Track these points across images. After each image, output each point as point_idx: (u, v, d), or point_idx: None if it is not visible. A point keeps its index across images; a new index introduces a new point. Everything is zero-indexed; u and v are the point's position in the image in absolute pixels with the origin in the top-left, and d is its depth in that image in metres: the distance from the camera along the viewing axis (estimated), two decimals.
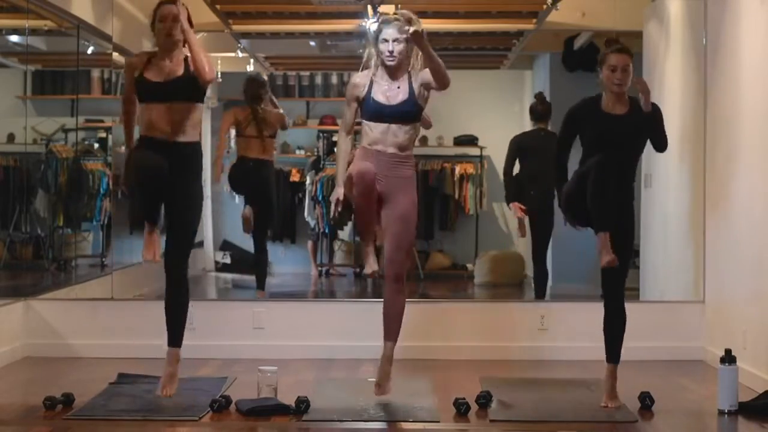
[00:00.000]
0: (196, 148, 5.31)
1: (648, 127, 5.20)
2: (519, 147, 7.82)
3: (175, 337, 5.28)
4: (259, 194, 7.91)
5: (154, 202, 5.25)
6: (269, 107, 8.01)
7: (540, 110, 7.92)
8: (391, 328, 5.27)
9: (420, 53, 5.20)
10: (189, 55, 5.18)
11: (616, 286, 5.23)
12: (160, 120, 5.17)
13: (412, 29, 5.03)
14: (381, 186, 5.20)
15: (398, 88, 5.23)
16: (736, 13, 6.24)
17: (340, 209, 5.26)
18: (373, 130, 5.23)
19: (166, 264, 5.25)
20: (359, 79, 5.31)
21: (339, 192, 5.26)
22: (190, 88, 5.18)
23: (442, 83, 5.19)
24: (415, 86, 5.23)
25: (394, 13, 5.27)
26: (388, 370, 5.24)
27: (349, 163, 5.33)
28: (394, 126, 5.21)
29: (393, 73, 5.23)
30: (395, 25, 5.17)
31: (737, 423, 5.02)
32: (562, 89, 9.14)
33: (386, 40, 5.17)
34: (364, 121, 5.29)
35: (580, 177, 5.18)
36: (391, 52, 5.16)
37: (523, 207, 7.65)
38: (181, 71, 5.18)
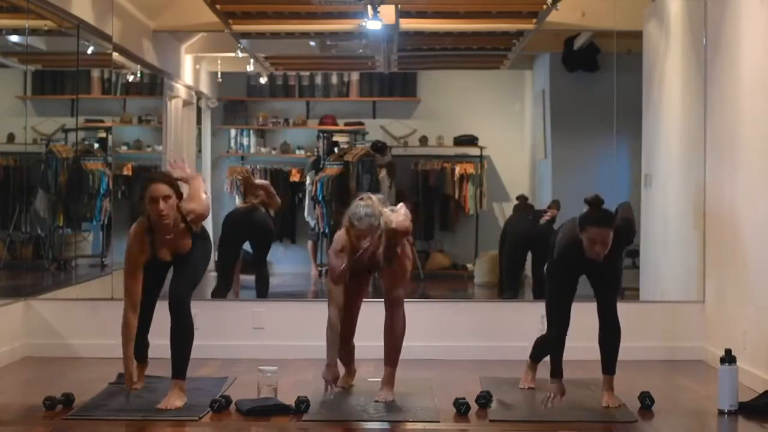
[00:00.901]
0: (201, 235, 5.37)
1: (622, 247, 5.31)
2: (505, 228, 8.47)
3: (179, 370, 5.21)
4: (256, 236, 8.08)
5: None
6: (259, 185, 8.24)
7: (522, 208, 8.73)
8: (391, 355, 5.37)
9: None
10: (185, 211, 5.21)
11: (610, 305, 5.27)
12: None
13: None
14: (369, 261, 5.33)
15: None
16: (736, 13, 6.24)
17: (335, 389, 5.32)
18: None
19: (170, 299, 5.21)
20: (337, 262, 5.30)
21: (334, 372, 5.26)
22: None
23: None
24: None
25: (364, 211, 5.22)
26: (389, 390, 5.33)
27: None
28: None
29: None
30: (366, 222, 5.17)
31: (737, 423, 5.02)
32: (562, 89, 9.16)
33: (358, 237, 5.20)
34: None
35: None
36: (364, 247, 5.22)
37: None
38: (189, 244, 5.26)
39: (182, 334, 5.19)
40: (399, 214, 5.36)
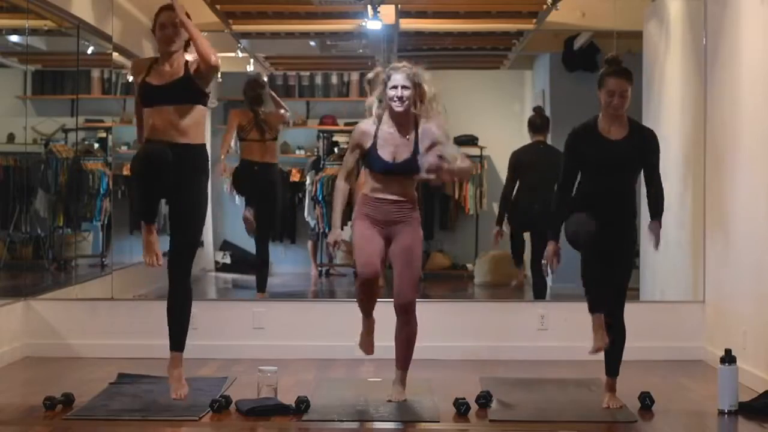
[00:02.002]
0: (200, 149, 5.28)
1: (645, 154, 5.20)
2: (518, 163, 7.85)
3: (177, 341, 5.23)
4: (265, 197, 7.95)
5: (154, 196, 5.23)
6: (270, 108, 8.00)
7: (538, 123, 7.93)
8: (402, 358, 5.38)
9: (425, 98, 5.20)
10: (189, 59, 5.17)
11: (616, 308, 5.22)
12: (163, 123, 5.15)
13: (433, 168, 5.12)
14: (385, 231, 5.27)
15: (402, 141, 5.22)
16: (736, 13, 6.24)
17: (340, 248, 5.30)
18: (375, 179, 5.28)
19: (169, 265, 5.20)
20: (365, 126, 5.28)
21: (336, 234, 5.30)
22: (190, 89, 5.17)
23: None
24: (421, 144, 5.22)
25: (403, 64, 5.26)
26: (401, 390, 5.34)
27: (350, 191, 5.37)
28: (397, 177, 5.25)
29: (400, 120, 5.22)
30: (403, 71, 5.17)
31: (737, 423, 5.02)
32: (562, 89, 9.15)
33: (395, 86, 5.16)
34: (367, 170, 5.32)
35: (570, 239, 5.27)
36: (400, 98, 5.15)
37: (502, 234, 7.91)
38: (181, 73, 5.17)
39: (182, 301, 5.22)
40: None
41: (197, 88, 5.16)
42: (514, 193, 7.88)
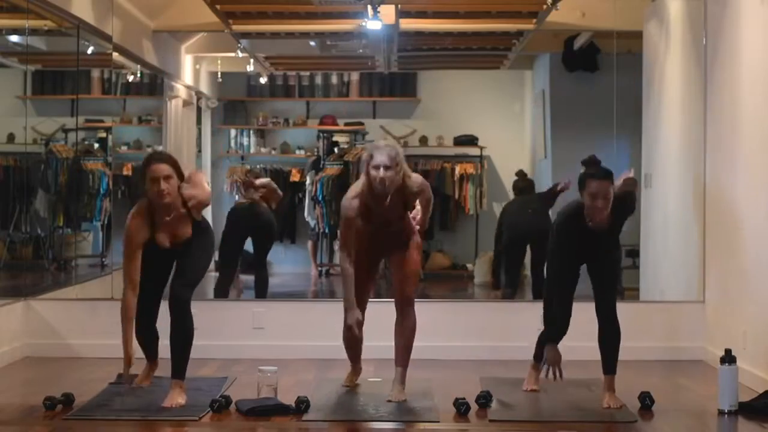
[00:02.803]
0: (197, 231, 5.28)
1: (622, 214, 5.28)
2: (503, 214, 8.46)
3: (178, 370, 5.20)
4: (261, 234, 8.07)
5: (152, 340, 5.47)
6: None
7: (521, 186, 8.52)
8: (401, 355, 5.40)
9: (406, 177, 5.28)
10: (186, 196, 5.17)
11: (608, 307, 5.26)
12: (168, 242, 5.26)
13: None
14: (380, 252, 5.45)
15: (388, 212, 5.29)
16: (736, 13, 6.24)
17: (359, 333, 5.35)
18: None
19: (170, 298, 5.20)
20: (349, 203, 5.27)
21: (356, 314, 5.27)
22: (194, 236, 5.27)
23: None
24: (404, 198, 5.31)
25: (384, 142, 5.35)
26: (401, 389, 5.34)
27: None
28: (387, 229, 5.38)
29: (383, 197, 5.25)
30: (386, 152, 5.15)
31: (737, 423, 5.02)
32: (562, 89, 9.16)
33: (377, 167, 5.14)
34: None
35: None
36: (382, 180, 5.15)
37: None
38: (189, 231, 5.20)
39: (182, 334, 5.19)
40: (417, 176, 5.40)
41: (197, 225, 5.26)
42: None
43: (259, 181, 8.17)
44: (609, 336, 5.25)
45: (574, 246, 5.24)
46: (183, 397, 5.14)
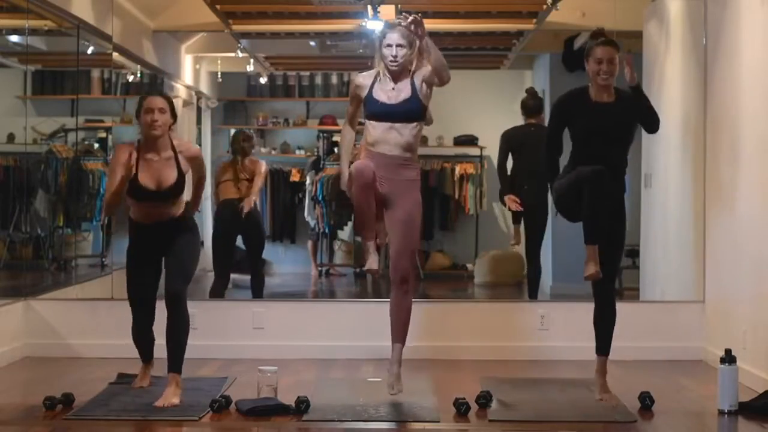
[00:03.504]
0: (185, 213, 5.39)
1: (636, 111, 5.21)
2: (510, 142, 7.77)
3: (175, 363, 5.22)
4: (250, 231, 7.90)
5: (146, 326, 5.49)
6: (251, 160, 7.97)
7: (531, 105, 7.87)
8: (399, 330, 5.32)
9: (421, 54, 5.20)
10: (176, 144, 5.25)
11: (606, 285, 5.25)
12: (153, 211, 5.29)
13: (411, 17, 5.03)
14: (383, 188, 5.22)
15: (400, 89, 5.24)
16: (736, 13, 6.24)
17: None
18: (375, 129, 5.24)
19: (166, 293, 5.24)
20: (362, 79, 5.33)
21: (346, 176, 5.28)
22: (182, 188, 5.29)
23: (442, 77, 5.19)
24: (417, 83, 5.24)
25: (398, 18, 5.28)
26: (398, 372, 5.29)
27: (352, 162, 5.35)
28: (397, 125, 5.22)
29: (396, 76, 5.25)
30: (399, 30, 5.18)
31: (737, 423, 5.02)
32: (562, 89, 9.08)
33: (390, 45, 5.18)
34: (366, 121, 5.29)
35: (572, 182, 5.18)
36: (395, 57, 5.17)
37: (518, 200, 7.52)
38: (172, 176, 5.22)
39: (178, 328, 5.22)
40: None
41: (184, 180, 5.28)
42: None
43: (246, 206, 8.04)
44: (605, 315, 5.27)
45: (577, 122, 5.19)
46: (177, 396, 5.15)
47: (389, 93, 5.23)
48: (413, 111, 5.23)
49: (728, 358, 5.13)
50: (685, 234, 7.13)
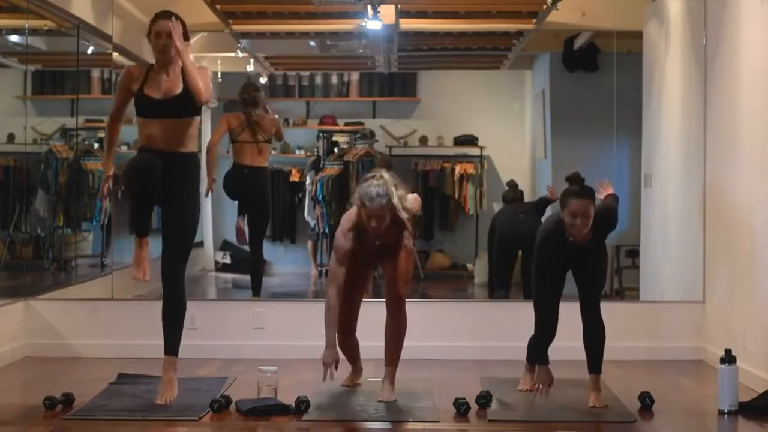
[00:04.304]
0: (193, 158, 5.33)
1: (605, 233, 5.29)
2: (493, 223, 8.28)
3: (172, 345, 5.22)
4: (254, 202, 7.69)
5: (145, 208, 5.27)
6: (263, 112, 7.82)
7: (510, 198, 8.47)
8: (392, 354, 5.38)
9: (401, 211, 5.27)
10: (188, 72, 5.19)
11: (592, 307, 5.27)
12: (159, 134, 5.19)
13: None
14: (370, 259, 5.41)
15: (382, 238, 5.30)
16: (736, 13, 6.24)
17: (334, 372, 5.27)
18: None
19: (162, 270, 5.20)
20: (347, 237, 5.27)
21: (334, 354, 5.22)
22: (188, 104, 5.20)
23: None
24: (398, 227, 5.30)
25: (376, 190, 5.18)
26: (391, 389, 5.33)
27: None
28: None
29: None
30: (377, 203, 5.13)
31: (737, 423, 5.02)
32: (562, 89, 9.16)
33: (369, 217, 5.15)
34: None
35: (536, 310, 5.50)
36: (376, 229, 5.19)
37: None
38: (179, 88, 5.18)
39: (175, 307, 5.21)
40: (410, 200, 5.39)
41: (195, 102, 5.19)
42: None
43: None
44: (594, 334, 5.27)
45: (558, 261, 5.26)
46: (174, 388, 5.16)
47: (372, 244, 5.34)
48: (396, 246, 5.40)
49: (728, 358, 5.13)
50: (685, 234, 7.13)
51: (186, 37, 5.21)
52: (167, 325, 5.20)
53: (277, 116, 7.96)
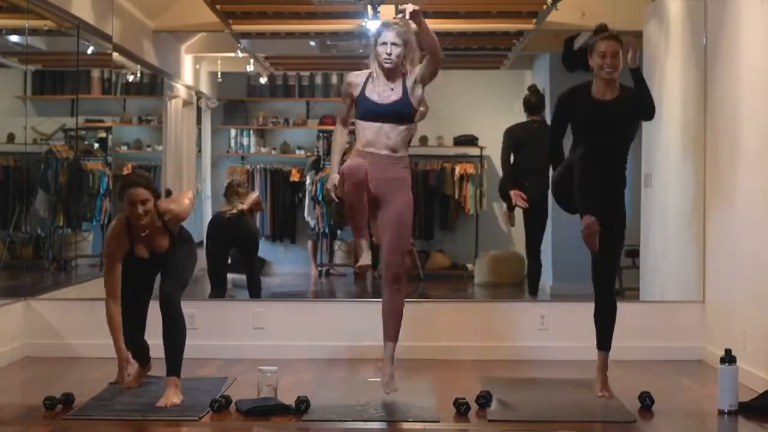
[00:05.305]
0: (178, 233, 5.46)
1: (637, 107, 5.21)
2: (514, 138, 7.77)
3: (173, 367, 5.24)
4: (242, 244, 8.05)
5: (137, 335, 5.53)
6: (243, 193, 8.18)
7: (533, 102, 7.89)
8: (391, 329, 5.30)
9: (414, 53, 5.26)
10: (162, 211, 5.34)
11: (606, 278, 5.27)
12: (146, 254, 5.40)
13: (410, 8, 5.04)
14: (375, 188, 5.21)
15: (392, 89, 5.26)
16: (736, 13, 6.25)
17: (337, 195, 5.31)
18: (365, 130, 5.26)
19: (161, 299, 5.25)
20: (354, 77, 5.35)
21: (334, 178, 5.31)
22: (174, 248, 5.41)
23: (436, 62, 5.25)
24: (409, 85, 5.27)
25: (394, 18, 5.29)
26: (391, 371, 5.27)
27: (343, 161, 5.36)
28: (386, 126, 5.23)
29: (389, 75, 5.27)
30: (394, 29, 5.21)
31: (737, 423, 5.02)
32: (562, 89, 9.13)
33: (385, 43, 5.21)
34: (357, 120, 5.31)
35: (567, 166, 5.24)
36: (389, 55, 5.21)
37: (523, 195, 7.49)
38: (166, 243, 5.37)
39: (175, 332, 5.23)
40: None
41: (176, 241, 5.41)
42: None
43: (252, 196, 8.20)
44: (606, 310, 5.27)
45: (578, 118, 5.19)
46: (179, 397, 5.16)
47: (381, 93, 5.25)
48: (403, 113, 5.25)
49: (728, 358, 5.13)
50: (685, 234, 7.13)
51: (156, 196, 5.36)
52: (168, 349, 5.24)
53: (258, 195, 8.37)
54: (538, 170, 7.16)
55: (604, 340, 5.33)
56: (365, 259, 5.28)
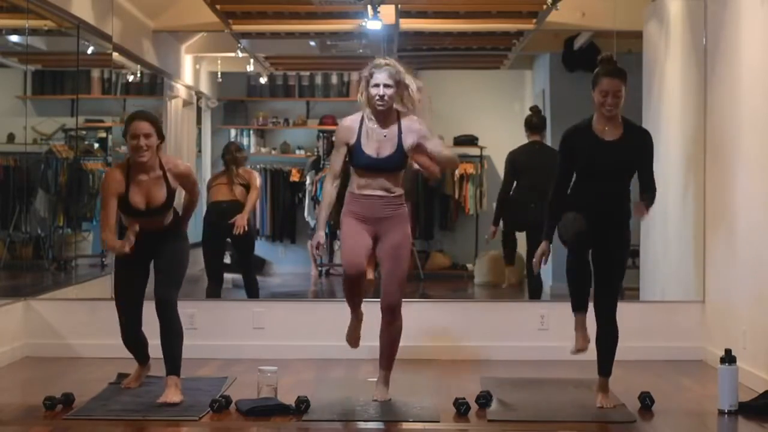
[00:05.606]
0: (176, 223, 5.44)
1: (640, 155, 5.16)
2: (515, 163, 7.82)
3: (173, 367, 5.25)
4: (237, 238, 7.80)
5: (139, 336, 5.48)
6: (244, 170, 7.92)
7: (535, 122, 7.91)
8: (386, 358, 5.36)
9: (408, 94, 5.24)
10: (164, 161, 5.29)
11: (608, 308, 5.21)
12: (147, 225, 5.31)
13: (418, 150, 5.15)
14: (373, 228, 5.25)
15: (385, 137, 5.22)
16: (736, 13, 6.24)
17: (321, 253, 5.36)
18: (360, 178, 5.28)
19: (156, 301, 5.25)
20: (348, 122, 5.32)
21: (320, 236, 5.28)
22: (171, 204, 5.35)
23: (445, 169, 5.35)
24: (405, 138, 5.22)
25: (385, 58, 5.25)
26: (385, 390, 5.33)
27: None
28: (382, 173, 5.25)
29: (382, 118, 5.24)
30: (386, 70, 5.17)
31: (737, 423, 5.02)
32: (562, 89, 9.14)
33: (377, 85, 5.16)
34: (352, 167, 5.31)
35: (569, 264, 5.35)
36: (382, 97, 5.16)
37: (494, 232, 7.84)
38: (163, 196, 5.27)
39: (171, 333, 5.24)
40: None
41: (173, 197, 5.34)
42: (511, 192, 7.87)
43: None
44: (607, 337, 5.23)
45: (581, 159, 5.12)
46: (179, 396, 5.16)
47: (376, 147, 5.21)
48: (399, 165, 5.25)
49: (728, 358, 5.13)
50: (685, 234, 7.13)
51: (160, 136, 5.29)
52: (167, 350, 5.24)
53: (257, 174, 8.03)
54: (540, 193, 7.16)
55: (604, 367, 5.24)
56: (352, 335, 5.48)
